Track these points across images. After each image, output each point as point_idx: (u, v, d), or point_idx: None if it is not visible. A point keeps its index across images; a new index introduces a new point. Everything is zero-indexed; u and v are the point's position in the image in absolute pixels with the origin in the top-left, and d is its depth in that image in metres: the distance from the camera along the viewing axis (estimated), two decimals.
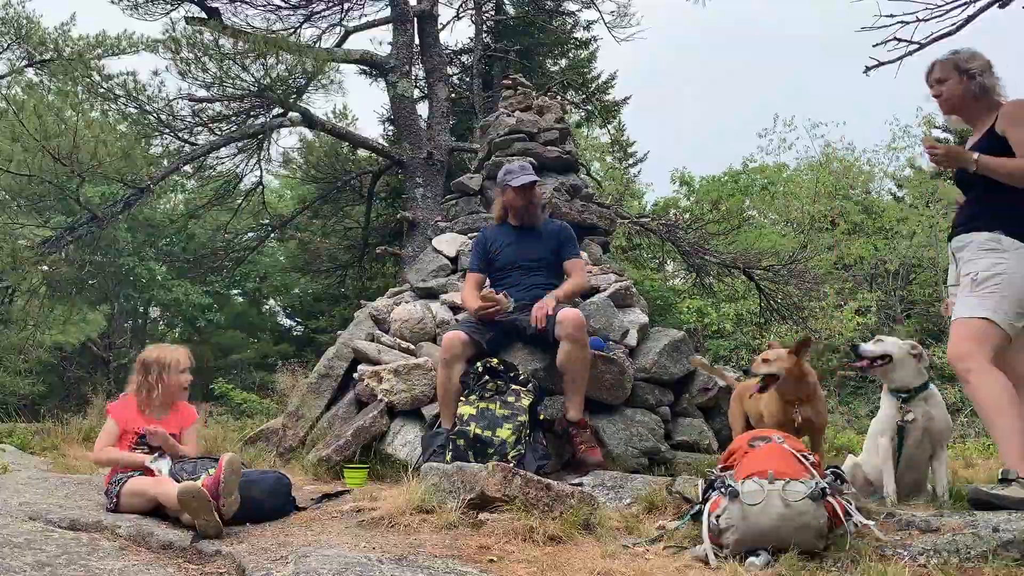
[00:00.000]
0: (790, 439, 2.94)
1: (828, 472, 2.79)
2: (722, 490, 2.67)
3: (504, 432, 3.88)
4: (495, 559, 2.62)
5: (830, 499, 2.57)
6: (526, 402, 4.07)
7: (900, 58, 3.74)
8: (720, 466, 2.96)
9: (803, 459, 2.75)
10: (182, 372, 3.71)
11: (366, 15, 13.75)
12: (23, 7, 12.62)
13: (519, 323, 4.41)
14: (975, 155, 3.04)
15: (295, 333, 24.25)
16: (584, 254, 6.08)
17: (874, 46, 3.69)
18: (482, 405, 4.03)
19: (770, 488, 2.56)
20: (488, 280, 4.81)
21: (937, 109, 3.31)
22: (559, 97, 13.35)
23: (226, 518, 2.98)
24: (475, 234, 6.33)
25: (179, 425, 3.69)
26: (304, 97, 11.87)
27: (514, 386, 4.17)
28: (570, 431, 4.22)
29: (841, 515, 2.60)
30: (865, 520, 2.70)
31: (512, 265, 4.68)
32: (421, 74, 13.29)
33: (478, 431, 3.88)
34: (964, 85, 3.17)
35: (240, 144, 12.22)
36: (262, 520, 3.20)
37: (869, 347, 3.61)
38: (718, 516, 2.62)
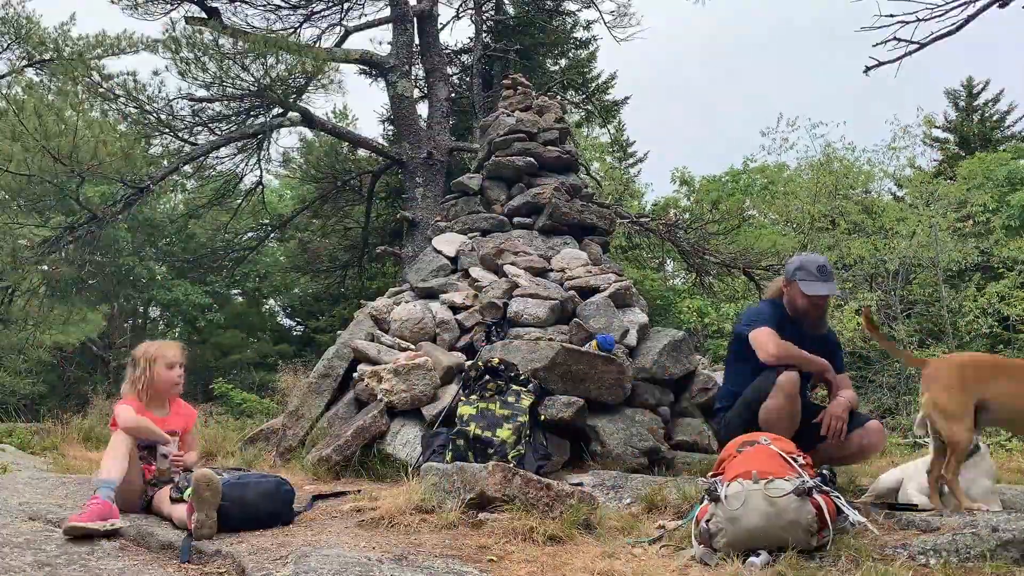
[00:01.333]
0: (778, 440, 2.90)
1: (818, 472, 2.78)
2: (708, 495, 2.67)
3: (504, 432, 3.89)
4: (495, 559, 2.62)
5: (817, 496, 2.55)
6: (526, 402, 4.07)
7: (900, 58, 3.74)
8: (711, 473, 2.96)
9: (790, 459, 2.73)
10: (170, 367, 3.54)
11: (366, 15, 13.78)
12: (23, 7, 12.61)
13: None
14: None
15: (295, 333, 24.25)
16: (583, 254, 6.08)
17: (874, 46, 3.70)
18: (482, 405, 4.03)
19: (752, 488, 2.55)
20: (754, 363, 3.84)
21: (936, 108, 3.27)
22: (559, 97, 13.37)
23: (198, 535, 2.88)
24: (475, 234, 6.35)
25: (183, 424, 3.60)
26: (304, 97, 11.88)
27: (514, 386, 4.17)
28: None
29: (831, 513, 2.58)
30: (860, 518, 2.70)
31: None
32: (421, 74, 13.29)
33: (478, 431, 3.89)
34: None
35: (240, 144, 12.23)
36: (258, 526, 3.06)
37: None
38: (708, 521, 2.62)
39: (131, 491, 3.28)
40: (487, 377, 4.18)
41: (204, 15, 11.40)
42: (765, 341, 3.57)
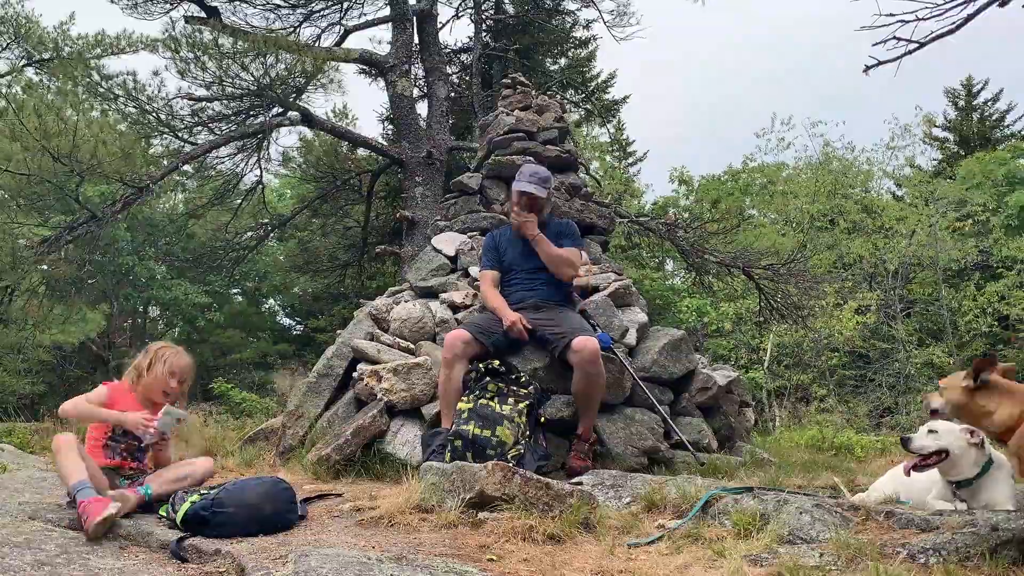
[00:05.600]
0: None
1: None
2: None
3: (503, 432, 3.88)
4: (494, 558, 2.62)
5: None
6: (526, 404, 4.05)
7: (899, 57, 3.73)
8: None
9: None
10: (171, 375, 3.49)
11: (365, 14, 13.77)
12: (22, 6, 12.62)
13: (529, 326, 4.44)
14: None
15: (295, 332, 24.28)
16: (584, 254, 6.08)
17: (873, 45, 3.69)
18: (481, 403, 4.03)
19: None
20: (503, 277, 4.85)
21: (935, 108, 3.26)
22: (558, 96, 13.36)
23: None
24: (474, 233, 6.33)
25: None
26: (304, 96, 11.88)
27: (514, 387, 4.16)
28: (571, 441, 4.26)
29: None
30: None
31: (518, 267, 4.73)
32: (420, 73, 13.29)
33: (476, 431, 3.87)
34: None
35: (240, 143, 12.22)
36: (262, 529, 3.00)
37: (922, 441, 3.09)
38: None
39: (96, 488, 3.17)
40: (487, 378, 4.17)
41: (204, 14, 11.39)
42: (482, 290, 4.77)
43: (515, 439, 3.88)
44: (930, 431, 3.16)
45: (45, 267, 11.70)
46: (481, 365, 4.24)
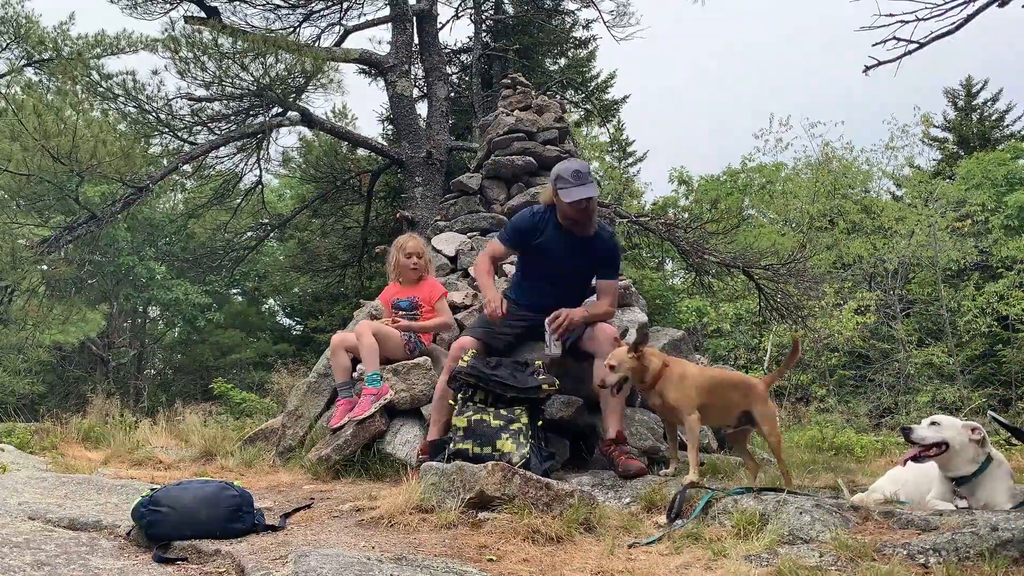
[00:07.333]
0: None
1: None
2: None
3: (503, 444, 3.76)
4: (494, 558, 2.62)
5: None
6: (521, 408, 3.97)
7: (899, 57, 3.73)
8: None
9: None
10: (407, 255, 4.91)
11: (365, 14, 13.79)
12: (22, 6, 12.63)
13: (542, 330, 4.18)
14: None
15: (294, 332, 24.26)
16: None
17: (873, 45, 3.68)
18: (475, 417, 3.86)
19: None
20: (523, 268, 4.49)
21: (935, 108, 3.25)
22: (558, 96, 13.37)
23: None
24: (474, 233, 6.33)
25: (426, 294, 4.89)
26: (303, 96, 11.87)
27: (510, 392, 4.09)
28: (611, 450, 3.99)
29: None
30: None
31: (550, 268, 4.27)
32: (420, 73, 13.30)
33: (476, 450, 3.75)
34: None
35: (239, 143, 12.22)
36: (196, 534, 2.86)
37: (923, 432, 3.10)
38: None
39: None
40: (472, 391, 4.09)
41: (203, 14, 11.41)
42: (478, 258, 4.44)
43: (518, 446, 3.80)
44: (932, 423, 3.15)
45: (45, 267, 11.70)
46: (470, 379, 4.09)
